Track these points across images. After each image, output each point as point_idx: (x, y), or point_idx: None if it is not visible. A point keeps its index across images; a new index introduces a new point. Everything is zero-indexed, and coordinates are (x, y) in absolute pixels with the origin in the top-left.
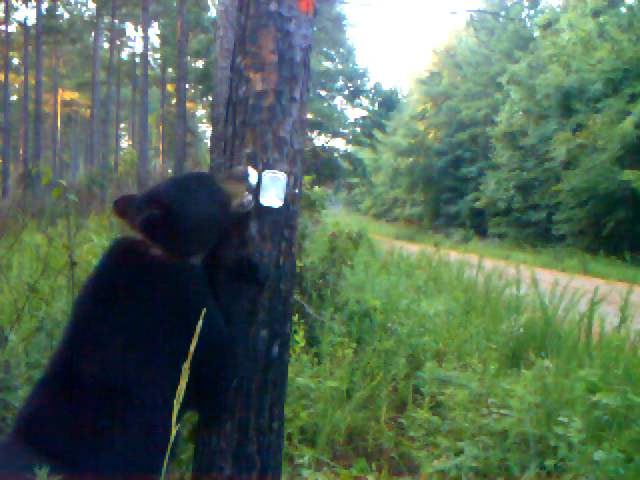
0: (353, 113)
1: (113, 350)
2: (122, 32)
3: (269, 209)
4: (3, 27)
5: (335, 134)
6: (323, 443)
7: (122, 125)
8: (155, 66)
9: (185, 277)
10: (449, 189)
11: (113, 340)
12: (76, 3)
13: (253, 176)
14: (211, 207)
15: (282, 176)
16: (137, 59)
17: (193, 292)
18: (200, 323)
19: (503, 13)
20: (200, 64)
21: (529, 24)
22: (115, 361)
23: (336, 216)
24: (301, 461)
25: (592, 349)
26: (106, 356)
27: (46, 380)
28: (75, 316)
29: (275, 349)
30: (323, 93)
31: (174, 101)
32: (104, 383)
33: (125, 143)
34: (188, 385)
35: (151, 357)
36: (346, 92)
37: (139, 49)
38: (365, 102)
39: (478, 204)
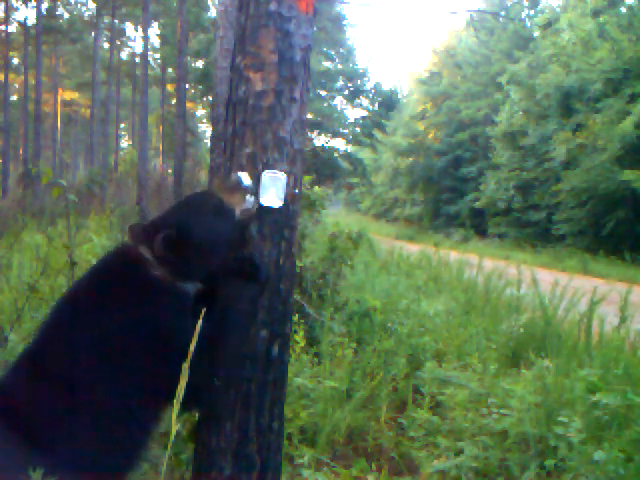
0: (353, 113)
1: (82, 352)
2: (122, 32)
3: (269, 209)
4: (3, 27)
5: (335, 134)
6: (323, 443)
7: (122, 125)
8: (155, 66)
9: (175, 303)
10: (449, 189)
11: (87, 343)
12: (76, 3)
13: (246, 179)
14: (219, 222)
15: (282, 176)
16: (137, 59)
17: (177, 319)
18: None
19: (503, 13)
20: (200, 64)
21: (529, 24)
22: (81, 364)
23: (336, 216)
24: (301, 461)
25: (592, 349)
26: (74, 357)
27: (15, 370)
28: (57, 312)
29: (275, 349)
30: (323, 93)
31: (174, 101)
32: (65, 383)
33: (125, 143)
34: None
35: (118, 365)
36: (346, 92)
37: (139, 49)
38: (365, 102)
39: (478, 204)
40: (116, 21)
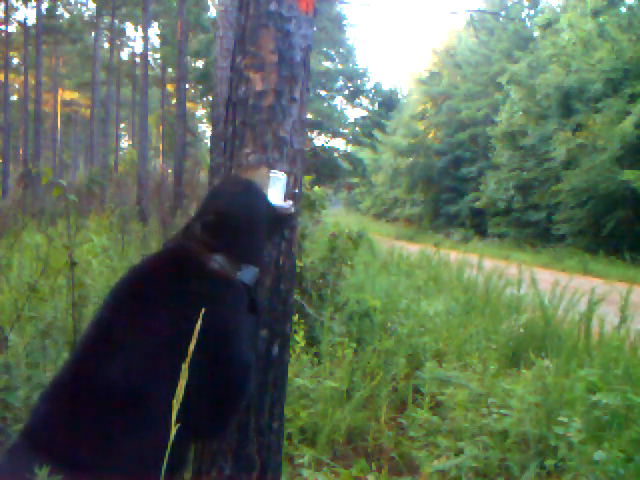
0: (353, 113)
1: (141, 359)
2: (122, 32)
3: None
4: (3, 27)
5: (335, 134)
6: (323, 443)
7: (122, 125)
8: (155, 66)
9: (236, 296)
10: (449, 189)
11: (144, 349)
12: (76, 3)
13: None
14: (250, 198)
15: (282, 176)
16: (137, 59)
17: (238, 313)
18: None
19: (503, 13)
20: (200, 64)
21: (529, 24)
22: (140, 371)
23: (336, 216)
24: (301, 461)
25: (592, 349)
26: (132, 364)
27: (60, 383)
28: (104, 318)
29: (275, 349)
30: (323, 93)
31: (174, 101)
32: (124, 392)
33: (125, 143)
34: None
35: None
36: (346, 92)
37: (139, 49)
38: (365, 102)
39: (478, 204)
40: (116, 21)
